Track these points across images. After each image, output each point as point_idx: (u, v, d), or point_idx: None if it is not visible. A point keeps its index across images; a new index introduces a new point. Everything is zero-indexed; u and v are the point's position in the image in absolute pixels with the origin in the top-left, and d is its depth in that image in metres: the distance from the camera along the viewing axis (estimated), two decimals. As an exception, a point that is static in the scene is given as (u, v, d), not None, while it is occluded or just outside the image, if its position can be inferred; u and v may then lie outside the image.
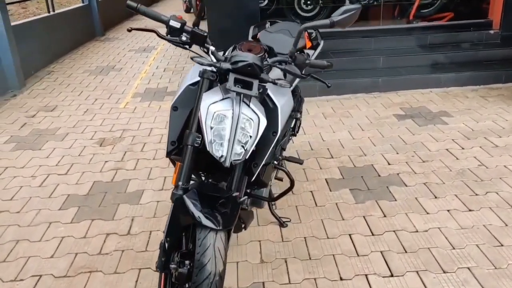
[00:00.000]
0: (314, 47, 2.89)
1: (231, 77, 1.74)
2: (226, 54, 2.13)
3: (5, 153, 3.86)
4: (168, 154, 1.95)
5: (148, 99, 5.16)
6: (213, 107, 1.74)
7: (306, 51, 2.82)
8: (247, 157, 1.79)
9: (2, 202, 3.08)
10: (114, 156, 3.73)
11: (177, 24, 1.82)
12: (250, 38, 2.96)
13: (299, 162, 2.89)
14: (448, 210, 2.78)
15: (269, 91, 1.93)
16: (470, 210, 2.77)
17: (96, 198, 3.09)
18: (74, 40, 7.93)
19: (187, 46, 1.86)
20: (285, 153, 3.25)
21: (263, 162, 1.91)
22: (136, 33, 9.51)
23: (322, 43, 2.94)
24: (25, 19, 7.18)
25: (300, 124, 3.22)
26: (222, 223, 1.71)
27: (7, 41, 5.40)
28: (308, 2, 6.18)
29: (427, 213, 2.76)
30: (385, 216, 2.76)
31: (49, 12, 7.23)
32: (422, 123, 4.14)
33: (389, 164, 3.41)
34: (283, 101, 1.97)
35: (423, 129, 3.99)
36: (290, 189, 2.28)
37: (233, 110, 1.74)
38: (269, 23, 3.05)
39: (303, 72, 1.99)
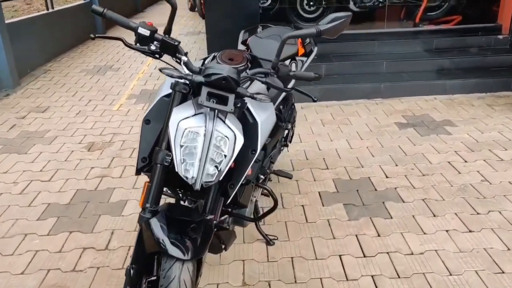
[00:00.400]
0: (307, 54, 2.73)
1: (204, 91, 1.59)
2: (206, 63, 1.97)
3: (-10, 157, 3.74)
4: (138, 172, 1.80)
5: (143, 101, 5.02)
6: (184, 123, 1.59)
7: (298, 58, 2.65)
8: (220, 179, 1.64)
9: (-20, 210, 2.96)
10: (101, 162, 3.59)
11: (146, 32, 1.67)
12: (240, 43, 2.80)
13: (288, 176, 2.74)
14: (446, 231, 2.60)
15: (249, 105, 1.77)
16: (470, 231, 2.59)
17: (77, 208, 2.95)
18: (74, 38, 7.80)
19: (157, 56, 1.71)
20: (277, 164, 3.10)
21: (240, 183, 1.75)
22: (138, 32, 9.37)
23: (315, 49, 2.77)
24: (25, 16, 7.07)
25: (293, 134, 3.07)
26: (192, 251, 1.55)
27: (0, 39, 5.27)
28: (311, 2, 6.01)
29: (424, 233, 2.59)
30: (379, 235, 2.59)
31: (47, 9, 7.12)
32: (424, 132, 3.95)
33: (387, 177, 3.23)
34: (264, 116, 1.81)
35: (425, 139, 3.81)
36: (273, 209, 2.13)
37: (205, 126, 1.58)
38: (261, 27, 2.89)
39: (287, 85, 1.83)
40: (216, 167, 1.61)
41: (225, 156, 1.61)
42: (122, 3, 11.01)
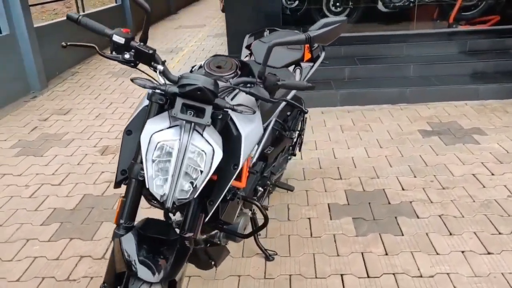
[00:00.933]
0: (314, 59, 2.59)
1: (178, 102, 1.49)
2: (192, 72, 1.88)
3: (7, 159, 3.80)
4: (117, 185, 1.72)
5: (163, 104, 4.99)
6: (157, 136, 1.49)
7: (303, 64, 2.52)
8: (195, 196, 1.53)
9: (-11, 213, 3.00)
10: (112, 166, 3.57)
11: (120, 40, 1.59)
12: (244, 48, 2.70)
13: (290, 189, 2.61)
14: (462, 252, 2.39)
15: (233, 116, 1.66)
16: (489, 253, 2.37)
17: (81, 214, 2.94)
18: (104, 40, 7.91)
19: (132, 65, 1.63)
20: (289, 173, 2.96)
21: (219, 199, 1.64)
22: (168, 34, 9.45)
23: (323, 55, 2.63)
24: (55, 20, 7.25)
25: (302, 142, 2.93)
26: (161, 273, 1.46)
27: (28, 42, 5.41)
28: (337, 3, 5.82)
29: (437, 254, 2.39)
30: (386, 254, 2.42)
31: (78, 12, 7.27)
32: (450, 141, 3.70)
33: (403, 189, 3.03)
34: (249, 129, 1.69)
35: (449, 149, 3.57)
36: (264, 225, 2.01)
37: (180, 140, 1.48)
38: (268, 31, 2.77)
39: (274, 95, 1.70)
40: (192, 183, 1.51)
41: (201, 171, 1.51)
42: (155, 4, 11.14)
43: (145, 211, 2.42)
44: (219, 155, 1.52)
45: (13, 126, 4.55)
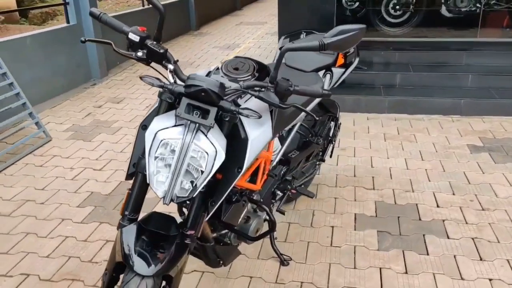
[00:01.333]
0: (346, 65, 2.52)
1: (183, 102, 1.52)
2: (212, 72, 1.90)
3: (60, 141, 4.06)
4: (128, 177, 1.78)
5: (210, 99, 5.09)
6: (162, 134, 1.53)
7: (334, 69, 2.46)
8: (194, 195, 1.55)
9: (34, 191, 3.22)
10: (151, 156, 3.70)
11: (136, 38, 1.65)
12: (278, 49, 2.68)
13: (310, 195, 2.57)
14: (490, 279, 2.24)
15: (242, 119, 1.66)
16: (519, 285, 2.20)
17: (114, 200, 3.08)
18: (167, 33, 8.22)
19: (146, 63, 1.68)
20: (321, 177, 2.91)
21: (220, 201, 1.65)
22: (229, 29, 9.60)
23: (356, 60, 2.55)
24: (120, 12, 7.61)
25: (333, 148, 2.87)
26: (155, 268, 1.50)
27: (93, 33, 5.73)
28: (397, 6, 5.60)
29: (462, 279, 2.25)
30: (406, 272, 2.31)
31: (143, 6, 7.58)
32: (500, 159, 3.46)
33: (437, 206, 2.88)
34: (257, 133, 1.69)
35: (498, 168, 3.33)
36: (270, 231, 1.99)
37: (183, 138, 1.51)
38: (304, 33, 2.73)
39: (285, 101, 1.67)
40: (192, 182, 1.54)
41: (202, 172, 1.53)
42: (220, 0, 11.36)
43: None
44: (221, 157, 1.53)
45: (70, 110, 4.85)
